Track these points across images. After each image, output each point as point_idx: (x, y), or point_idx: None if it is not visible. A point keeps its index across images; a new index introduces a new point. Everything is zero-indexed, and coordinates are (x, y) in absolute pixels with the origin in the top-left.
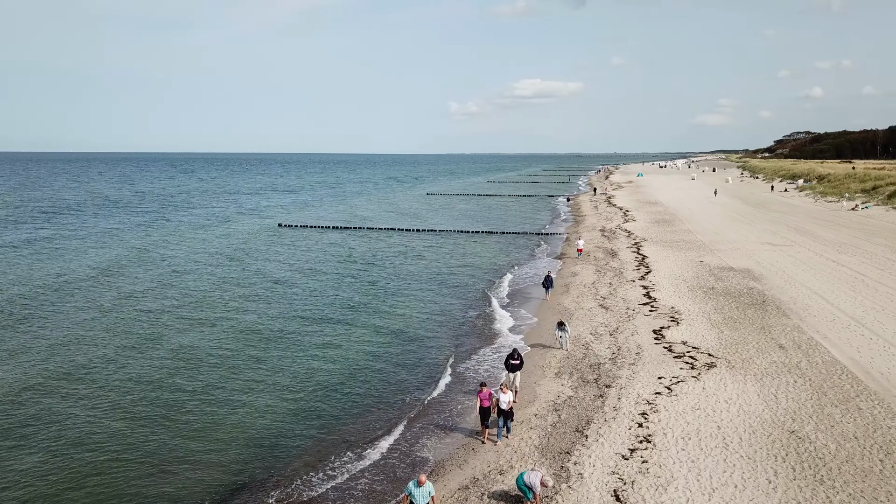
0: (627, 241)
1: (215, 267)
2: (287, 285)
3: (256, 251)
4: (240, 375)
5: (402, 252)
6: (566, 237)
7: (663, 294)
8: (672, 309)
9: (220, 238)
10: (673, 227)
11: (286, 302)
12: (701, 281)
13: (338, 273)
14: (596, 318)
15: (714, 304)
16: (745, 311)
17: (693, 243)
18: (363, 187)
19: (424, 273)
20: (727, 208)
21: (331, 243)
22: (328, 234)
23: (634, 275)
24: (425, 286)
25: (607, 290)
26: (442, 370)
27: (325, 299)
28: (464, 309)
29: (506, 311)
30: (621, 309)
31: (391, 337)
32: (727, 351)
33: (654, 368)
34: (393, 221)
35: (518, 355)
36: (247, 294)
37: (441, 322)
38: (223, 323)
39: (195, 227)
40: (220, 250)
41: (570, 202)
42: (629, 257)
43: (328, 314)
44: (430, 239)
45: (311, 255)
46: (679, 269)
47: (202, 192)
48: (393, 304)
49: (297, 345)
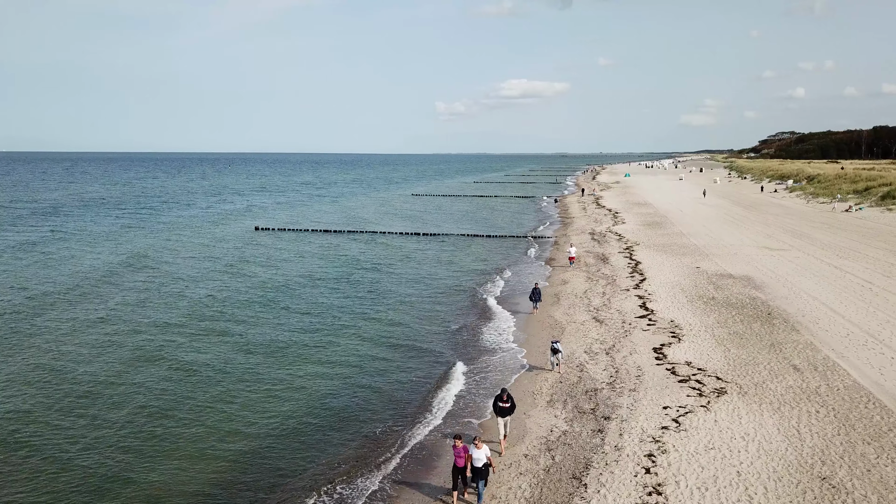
0: (618, 244)
1: (182, 274)
2: (256, 294)
3: (229, 256)
4: (201, 394)
5: (381, 257)
6: (555, 240)
7: (661, 305)
8: (672, 323)
9: (192, 242)
10: (665, 230)
11: (252, 313)
12: (699, 290)
13: (310, 282)
14: (590, 333)
15: (716, 317)
16: (751, 325)
17: (687, 247)
18: (348, 188)
19: (404, 281)
20: (718, 210)
21: (308, 248)
22: (307, 237)
23: (628, 283)
24: (404, 298)
25: (600, 300)
26: (415, 404)
27: (294, 311)
28: (444, 323)
29: (490, 326)
30: (617, 323)
31: (357, 362)
32: (737, 373)
33: (658, 395)
34: (375, 224)
35: (508, 396)
36: (213, 303)
37: (418, 341)
38: (181, 336)
39: (168, 230)
40: (192, 255)
41: (558, 203)
42: (621, 263)
43: (290, 330)
44: (413, 242)
45: (286, 261)
46: (675, 277)
47: (181, 192)
48: (363, 321)
49: (256, 371)
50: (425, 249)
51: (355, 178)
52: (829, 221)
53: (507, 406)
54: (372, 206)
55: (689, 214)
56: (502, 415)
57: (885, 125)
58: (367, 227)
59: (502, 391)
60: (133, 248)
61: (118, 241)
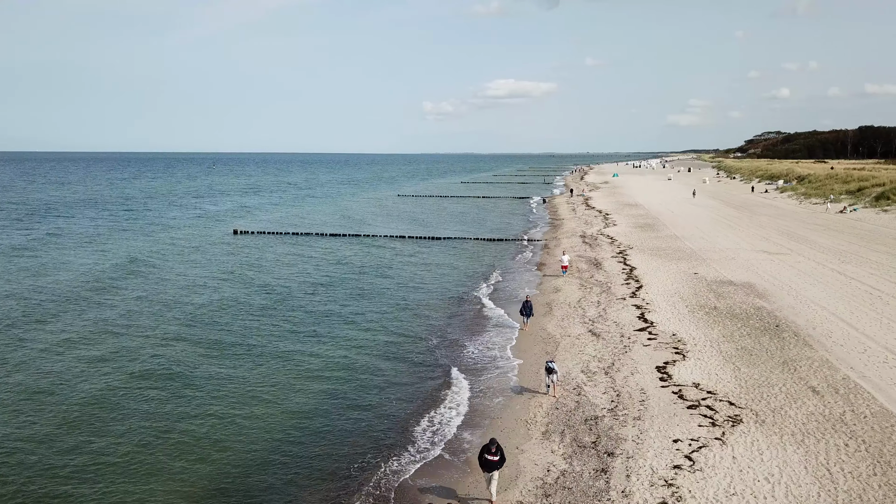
0: (611, 248)
1: (149, 282)
2: (226, 302)
3: (205, 262)
4: (173, 409)
5: (362, 262)
6: (544, 244)
7: (661, 316)
8: (674, 337)
9: (166, 247)
10: (658, 233)
11: (223, 324)
12: (700, 299)
13: (285, 289)
14: (586, 348)
15: (721, 330)
16: (759, 340)
17: (682, 251)
18: (335, 188)
19: (384, 289)
20: (710, 211)
21: (287, 252)
22: (287, 240)
23: (624, 290)
24: (384, 307)
25: (596, 310)
26: (391, 437)
27: (265, 321)
28: (427, 339)
29: (477, 341)
30: (615, 336)
31: (327, 382)
32: (751, 397)
33: (666, 425)
34: (358, 226)
35: (497, 448)
36: (184, 312)
37: (397, 360)
38: (140, 351)
39: (141, 234)
40: (164, 261)
41: (547, 204)
42: (616, 268)
43: (258, 342)
44: (397, 246)
45: (263, 266)
46: (673, 284)
47: (166, 193)
48: (337, 333)
49: (227, 385)
50: (409, 253)
51: (343, 178)
52: (825, 223)
53: (496, 459)
54: (357, 208)
55: (681, 216)
56: (489, 469)
57: (870, 125)
58: (350, 229)
59: (491, 442)
60: (100, 254)
61: (87, 246)
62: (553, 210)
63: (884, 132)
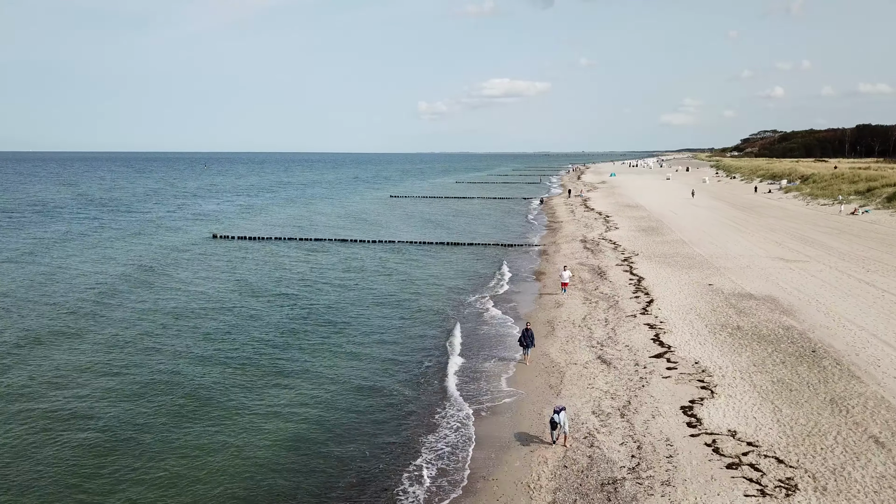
0: (615, 255)
1: (118, 293)
2: (199, 318)
3: (178, 270)
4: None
5: (346, 271)
6: (542, 249)
7: (678, 338)
8: (697, 366)
9: (140, 252)
10: (663, 237)
11: (189, 341)
12: (720, 316)
13: (256, 302)
14: (596, 380)
15: (750, 357)
16: (796, 369)
17: (692, 258)
18: (325, 189)
19: (367, 304)
20: (714, 212)
21: (267, 259)
22: (269, 246)
23: (634, 306)
24: (364, 328)
25: (604, 330)
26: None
27: (223, 344)
28: (410, 369)
29: (469, 375)
30: (628, 365)
31: (292, 425)
32: (802, 451)
33: (704, 494)
34: (345, 230)
35: None
36: (150, 325)
37: (374, 396)
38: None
39: (119, 238)
40: (137, 267)
41: (544, 205)
42: (622, 279)
43: (214, 373)
44: (384, 253)
45: (238, 275)
46: (687, 298)
47: (146, 194)
48: (309, 360)
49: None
50: (397, 261)
51: (338, 178)
52: (838, 226)
53: None
54: (345, 210)
55: (685, 218)
56: None
57: (867, 123)
58: (335, 234)
59: None
60: (66, 261)
61: (52, 251)
62: (551, 212)
63: (881, 131)
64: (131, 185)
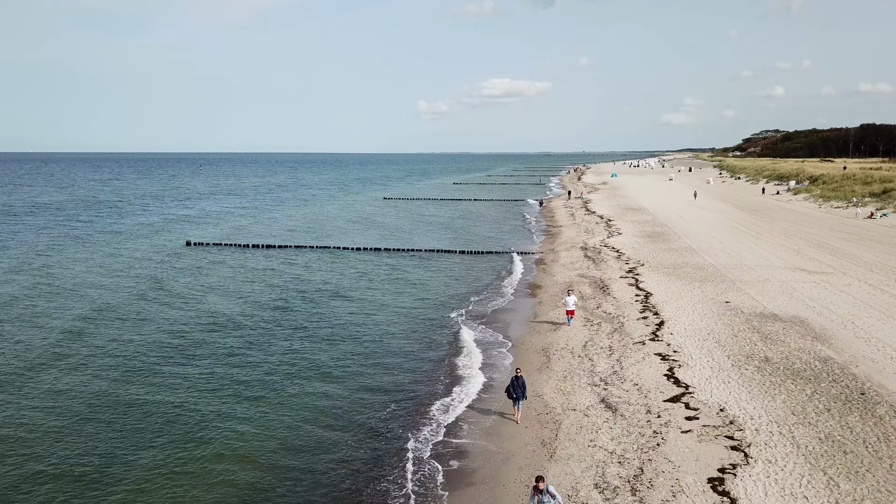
0: (618, 265)
1: (73, 305)
2: (149, 337)
3: (141, 281)
4: None
5: (319, 288)
6: (540, 257)
7: (697, 374)
8: (723, 414)
9: (103, 261)
10: (670, 244)
11: (141, 362)
12: (742, 343)
13: (225, 319)
14: (600, 435)
15: (786, 400)
16: (846, 420)
17: (704, 270)
18: (318, 191)
19: (330, 328)
20: (722, 215)
21: (240, 268)
22: (245, 254)
23: (642, 329)
24: (316, 363)
25: (608, 362)
26: None
27: (189, 366)
28: (375, 431)
29: (445, 437)
30: (638, 411)
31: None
32: None
33: None
34: (329, 236)
35: None
36: (106, 345)
37: (326, 466)
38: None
39: (92, 242)
40: (95, 277)
41: (543, 207)
42: (627, 294)
43: (180, 394)
44: (367, 261)
45: (209, 284)
46: (702, 319)
47: (139, 196)
48: (255, 404)
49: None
50: (378, 272)
51: (332, 178)
52: (856, 231)
53: None
54: (334, 214)
55: (692, 222)
56: None
57: (871, 123)
58: (320, 240)
59: None
60: (27, 267)
61: (19, 256)
62: (550, 215)
63: (886, 130)
64: (116, 187)
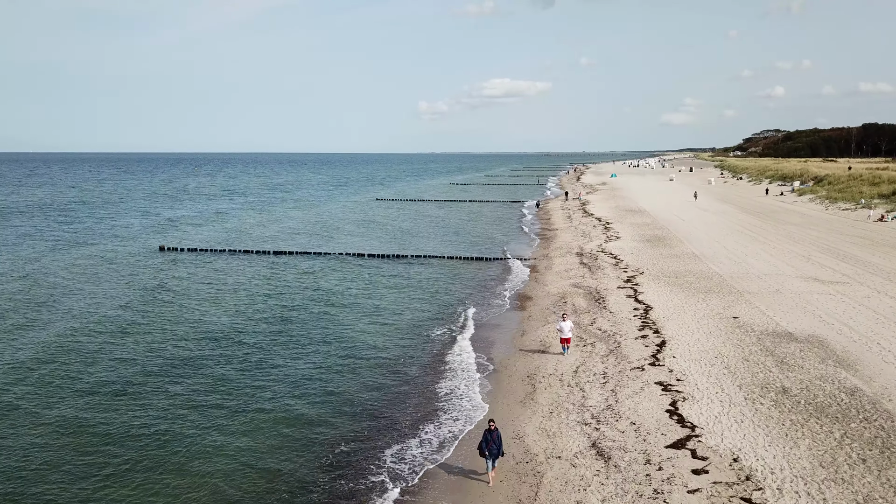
0: (616, 273)
1: (28, 317)
2: (108, 355)
3: (104, 291)
4: None
5: (286, 302)
6: (533, 264)
7: (704, 410)
8: (737, 466)
9: (65, 268)
10: (671, 249)
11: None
12: (755, 369)
13: (181, 336)
14: (589, 496)
15: (811, 446)
16: (885, 475)
17: (708, 279)
18: (311, 191)
19: (297, 346)
20: (726, 218)
21: (209, 277)
22: (220, 260)
23: (640, 350)
24: (277, 395)
25: (601, 393)
26: None
27: (143, 390)
28: (315, 458)
29: (389, 488)
30: (636, 461)
31: None
32: None
33: None
34: (312, 241)
35: None
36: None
37: None
38: None
39: (61, 246)
40: (53, 286)
41: (539, 209)
42: (625, 308)
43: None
44: (347, 269)
45: (173, 296)
46: (708, 338)
47: (125, 197)
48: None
49: None
50: (356, 280)
51: (329, 179)
52: (868, 235)
53: None
54: (321, 216)
55: (695, 225)
56: None
57: (874, 122)
58: (300, 245)
59: None
60: None
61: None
62: (546, 217)
63: (888, 129)
64: (113, 187)
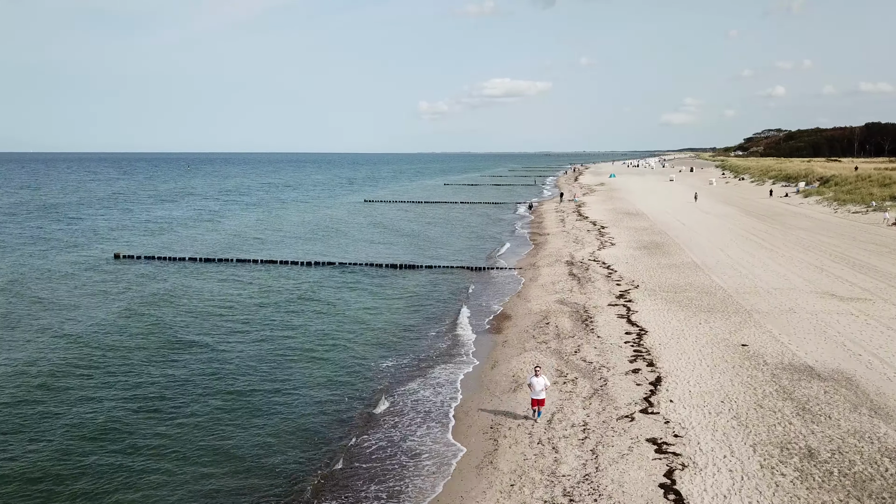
0: (608, 286)
1: None
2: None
3: (50, 303)
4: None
5: (246, 312)
6: (518, 274)
7: (710, 484)
8: None
9: (23, 277)
10: (670, 258)
11: None
12: (771, 420)
13: (129, 353)
14: None
15: None
16: None
17: (712, 294)
18: (301, 192)
19: (262, 376)
20: (729, 221)
21: (162, 288)
22: (181, 268)
23: (631, 391)
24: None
25: (579, 455)
26: None
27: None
28: None
29: None
30: None
31: None
32: None
33: None
34: (282, 248)
35: None
36: None
37: None
38: None
39: (11, 249)
40: None
41: (533, 211)
42: (615, 331)
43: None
44: (315, 279)
45: (107, 317)
46: (713, 374)
47: (106, 198)
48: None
49: None
50: (322, 295)
51: (322, 179)
52: (883, 241)
53: None
54: (303, 219)
55: (695, 229)
56: None
57: (877, 122)
58: (269, 253)
59: None
60: None
61: None
62: (538, 220)
63: (891, 129)
64: (103, 188)
